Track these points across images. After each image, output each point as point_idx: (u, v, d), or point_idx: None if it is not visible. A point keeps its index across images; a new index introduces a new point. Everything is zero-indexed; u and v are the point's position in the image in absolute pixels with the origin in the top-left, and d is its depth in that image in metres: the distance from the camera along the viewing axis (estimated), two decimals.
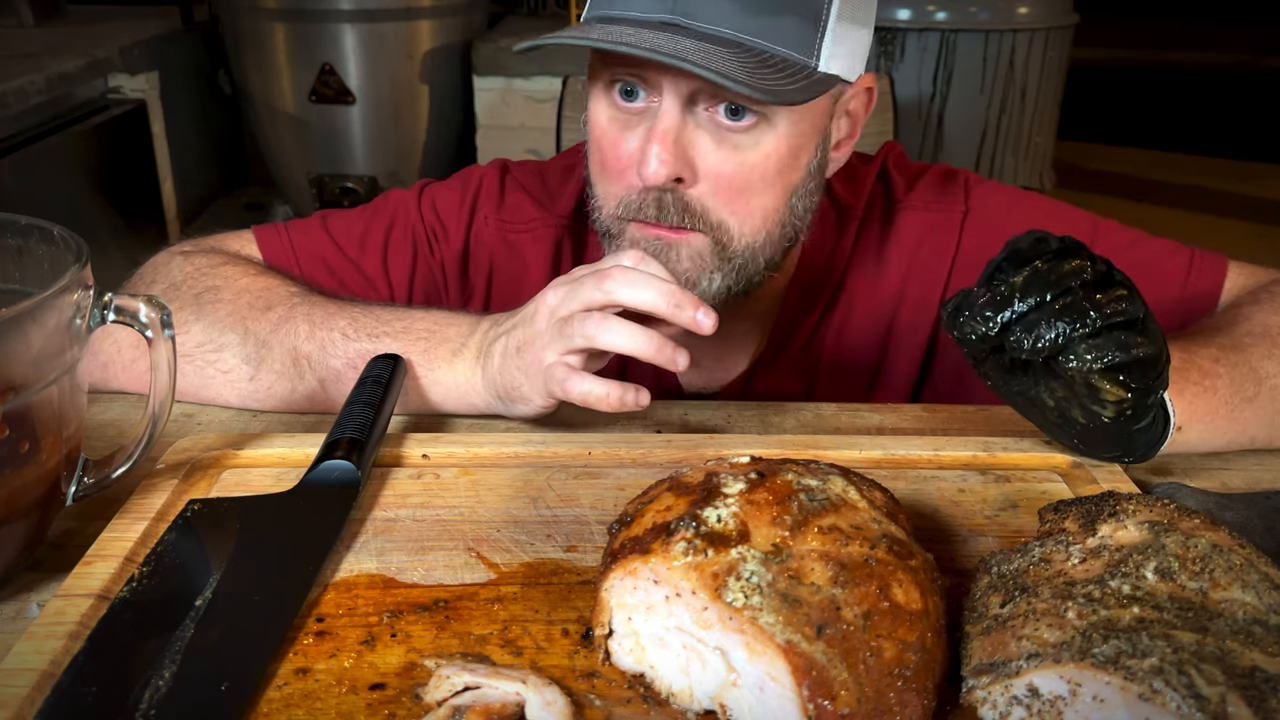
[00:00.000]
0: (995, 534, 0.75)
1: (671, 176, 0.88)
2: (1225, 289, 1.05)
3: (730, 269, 0.94)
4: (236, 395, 0.95)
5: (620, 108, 0.92)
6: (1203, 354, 0.86)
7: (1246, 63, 7.85)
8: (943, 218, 1.09)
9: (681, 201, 0.90)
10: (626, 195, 0.93)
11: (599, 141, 0.95)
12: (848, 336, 1.12)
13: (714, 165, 0.89)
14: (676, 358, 0.79)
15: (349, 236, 1.11)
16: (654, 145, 0.87)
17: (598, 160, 0.96)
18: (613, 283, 0.80)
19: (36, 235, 0.69)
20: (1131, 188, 5.14)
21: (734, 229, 0.92)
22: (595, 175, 0.97)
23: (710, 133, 0.89)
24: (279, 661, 0.59)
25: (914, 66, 3.76)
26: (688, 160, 0.89)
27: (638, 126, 0.91)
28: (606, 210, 0.96)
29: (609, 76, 0.92)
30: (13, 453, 0.62)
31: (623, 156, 0.92)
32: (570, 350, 0.82)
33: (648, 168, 0.87)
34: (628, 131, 0.92)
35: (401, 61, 3.49)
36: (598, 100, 0.94)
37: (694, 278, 0.94)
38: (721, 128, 0.89)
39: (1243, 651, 0.50)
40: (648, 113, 0.91)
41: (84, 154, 2.85)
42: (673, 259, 0.93)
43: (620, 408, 0.80)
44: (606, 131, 0.94)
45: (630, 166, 0.92)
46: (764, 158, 0.90)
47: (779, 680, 0.52)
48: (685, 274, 0.93)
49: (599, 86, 0.94)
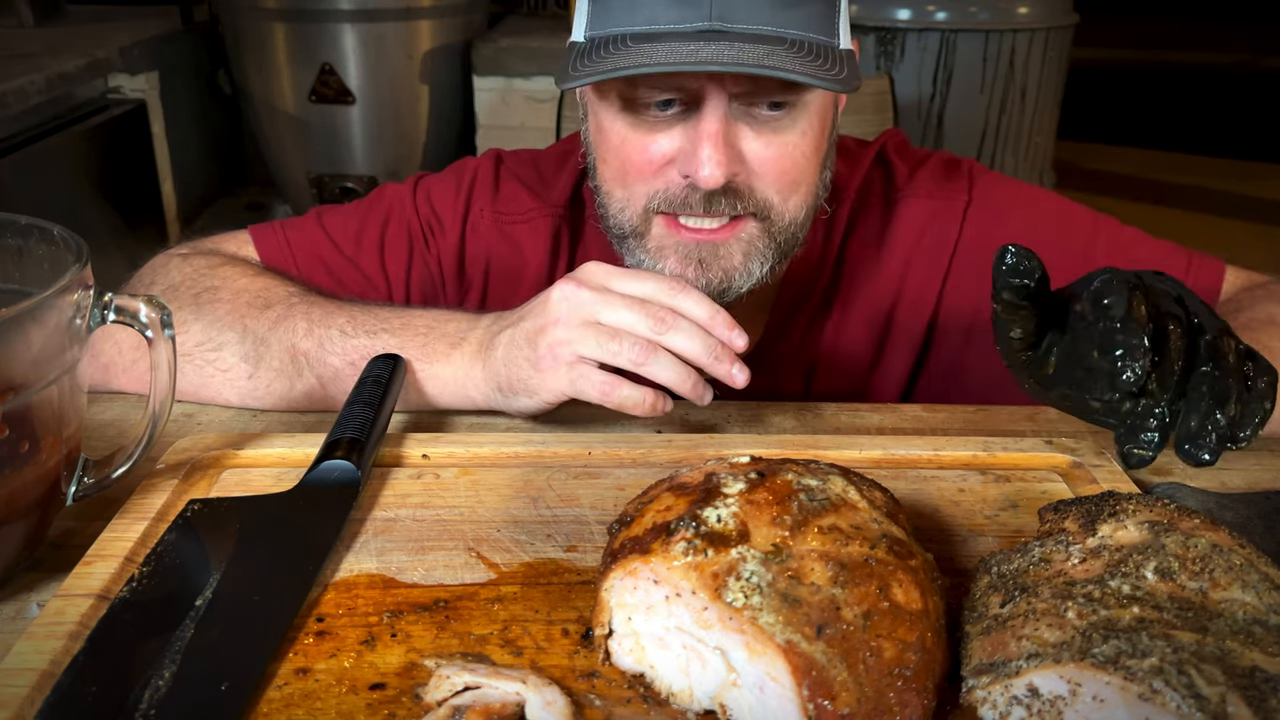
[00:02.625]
0: (995, 534, 0.75)
1: (728, 177, 0.88)
2: (1223, 290, 1.05)
3: (776, 250, 0.96)
4: (235, 394, 0.95)
5: (644, 115, 0.91)
6: None
7: (1246, 63, 7.85)
8: (945, 205, 1.09)
9: (731, 190, 0.91)
10: (664, 190, 0.92)
11: (618, 150, 0.93)
12: (846, 329, 1.11)
13: (759, 153, 0.91)
14: (705, 395, 0.83)
15: (345, 234, 1.11)
16: (706, 149, 0.87)
17: (616, 168, 0.95)
18: (667, 329, 0.81)
19: (36, 235, 0.69)
20: (1131, 188, 5.14)
21: (779, 208, 0.94)
22: (612, 182, 0.96)
23: (748, 124, 0.90)
24: (279, 661, 0.59)
25: (914, 66, 3.76)
26: (737, 156, 0.90)
27: (668, 129, 0.91)
28: (630, 212, 0.95)
29: (631, 91, 0.90)
30: (13, 453, 0.62)
31: (654, 159, 0.92)
32: (598, 360, 0.82)
33: (703, 171, 0.87)
34: (656, 134, 0.91)
35: (401, 61, 3.49)
36: (609, 112, 0.93)
37: (749, 268, 0.95)
38: (760, 117, 0.90)
39: (1243, 651, 0.50)
40: (677, 116, 0.90)
41: (84, 154, 2.85)
42: (724, 256, 0.93)
43: (651, 413, 0.83)
44: (628, 139, 0.92)
45: (663, 166, 0.91)
46: (801, 137, 0.92)
47: (779, 680, 0.52)
48: (737, 269, 0.94)
49: (611, 99, 0.92)
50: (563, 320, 0.83)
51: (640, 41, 0.85)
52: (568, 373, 0.83)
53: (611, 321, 0.82)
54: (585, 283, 0.83)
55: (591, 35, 0.89)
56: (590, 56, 0.87)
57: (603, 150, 0.96)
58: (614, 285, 0.83)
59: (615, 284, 0.83)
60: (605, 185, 0.97)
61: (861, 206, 1.11)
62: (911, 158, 1.13)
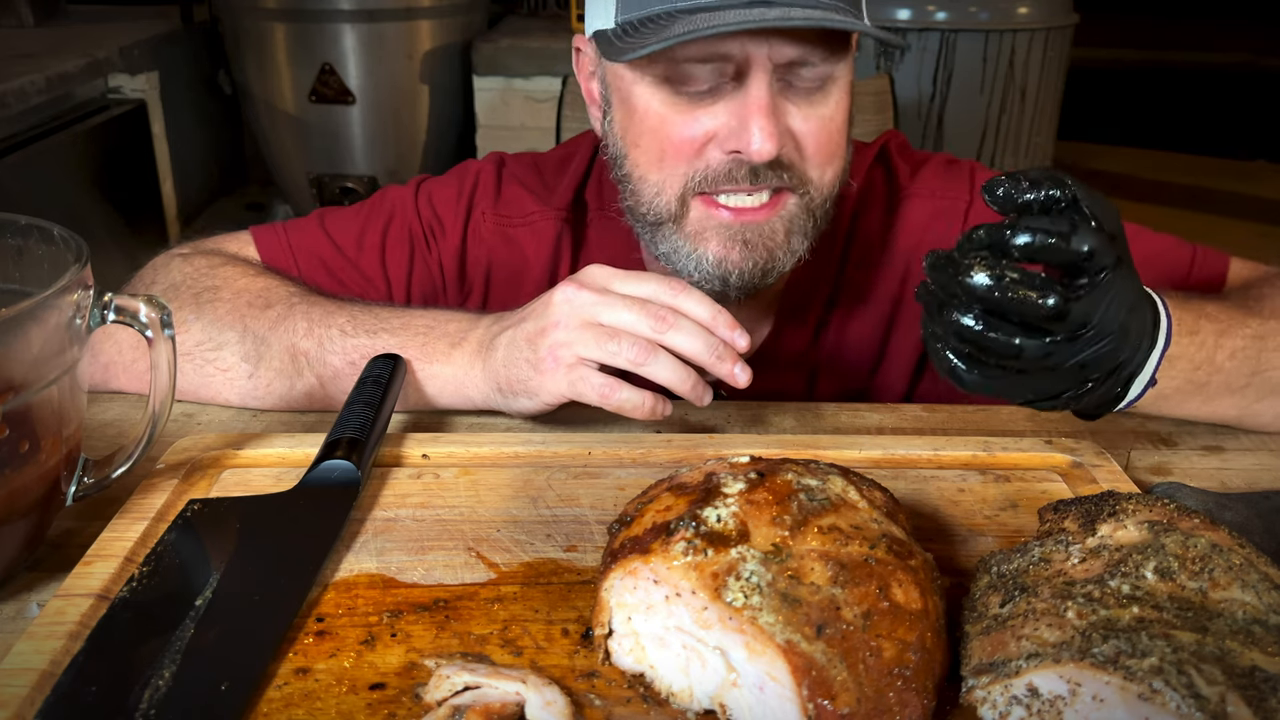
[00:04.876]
0: (995, 534, 0.75)
1: (779, 150, 0.88)
2: (1228, 281, 1.05)
3: (814, 225, 0.96)
4: (236, 393, 0.95)
5: (684, 91, 0.90)
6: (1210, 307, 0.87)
7: (1246, 63, 7.84)
8: (947, 205, 1.09)
9: (778, 163, 0.91)
10: (705, 169, 0.92)
11: (657, 131, 0.92)
12: (850, 328, 1.12)
13: (802, 125, 0.91)
14: (704, 396, 0.83)
15: (346, 235, 1.11)
16: (758, 119, 0.87)
17: (654, 151, 0.94)
18: (667, 328, 0.81)
19: (36, 235, 0.69)
20: (1131, 188, 5.14)
21: (818, 181, 0.94)
22: (646, 166, 0.95)
23: (790, 97, 0.90)
24: (279, 661, 0.59)
25: (914, 66, 3.76)
26: (785, 127, 0.90)
27: (711, 105, 0.90)
28: (667, 196, 0.94)
29: (670, 66, 0.89)
30: (13, 453, 0.62)
31: (697, 137, 0.91)
32: (598, 361, 0.82)
33: (754, 144, 0.87)
34: (697, 111, 0.91)
35: (401, 61, 3.49)
36: (647, 91, 0.92)
37: (791, 244, 0.95)
38: (799, 89, 0.90)
39: (1242, 651, 0.50)
40: (720, 91, 0.90)
41: (84, 154, 2.85)
42: (768, 234, 0.94)
43: (650, 416, 0.83)
44: (668, 118, 0.91)
45: (705, 144, 0.91)
46: (836, 107, 0.93)
47: (779, 680, 0.52)
48: (780, 246, 0.94)
49: (649, 78, 0.91)
50: (563, 322, 0.83)
51: (689, 13, 0.85)
52: (567, 374, 0.83)
53: (612, 322, 0.82)
54: (587, 284, 0.83)
55: (626, 18, 0.89)
56: (635, 34, 0.86)
57: (635, 135, 0.95)
58: (615, 286, 0.83)
59: (616, 285, 0.83)
60: (638, 171, 0.96)
61: (864, 207, 1.11)
62: (913, 158, 1.13)
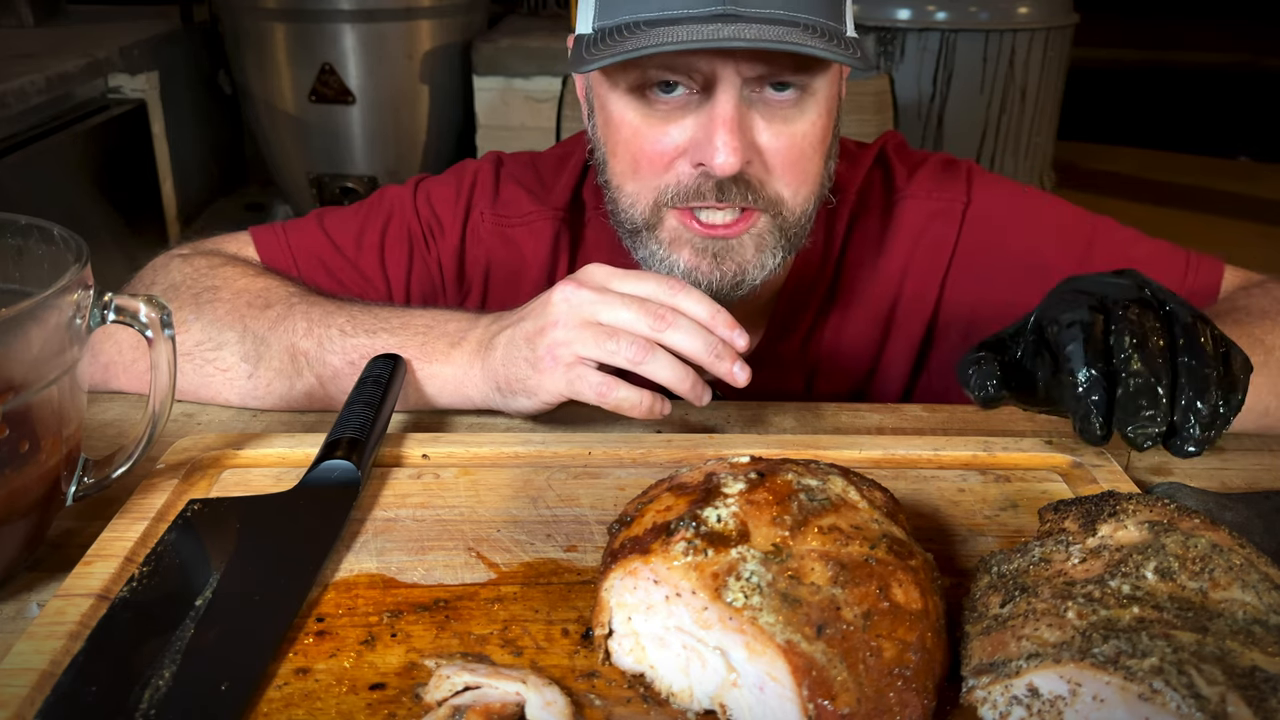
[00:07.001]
0: (995, 534, 0.75)
1: (742, 164, 0.88)
2: (1222, 289, 1.05)
3: (786, 243, 0.96)
4: (235, 393, 0.95)
5: (655, 103, 0.91)
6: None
7: (1246, 63, 7.85)
8: (944, 206, 1.10)
9: (743, 180, 0.91)
10: (675, 184, 0.92)
11: (629, 142, 0.93)
12: (847, 330, 1.12)
13: (771, 142, 0.91)
14: (703, 395, 0.83)
15: (345, 235, 1.11)
16: (721, 135, 0.87)
17: (627, 160, 0.94)
18: (666, 326, 0.81)
19: (36, 235, 0.69)
20: (1131, 188, 5.14)
21: (789, 201, 0.94)
22: (623, 176, 0.96)
23: (761, 112, 0.90)
24: (279, 661, 0.59)
25: (914, 66, 3.76)
26: (751, 143, 0.90)
27: (680, 119, 0.91)
28: (641, 206, 0.95)
29: (641, 77, 0.90)
30: (13, 453, 0.62)
31: (667, 150, 0.92)
32: (597, 360, 0.82)
33: (718, 158, 0.87)
34: (668, 125, 0.91)
35: (401, 61, 3.49)
36: (620, 101, 0.92)
37: (761, 260, 0.95)
38: (771, 104, 0.90)
39: (1243, 651, 0.50)
40: (688, 104, 0.90)
41: (84, 154, 2.85)
42: (736, 250, 0.93)
43: (648, 415, 0.83)
44: (640, 130, 0.92)
45: (675, 158, 0.91)
46: (810, 126, 0.92)
47: (779, 680, 0.52)
48: (750, 262, 0.94)
49: (622, 89, 0.92)
50: (562, 321, 0.83)
51: (655, 26, 0.85)
52: (566, 374, 0.83)
53: (610, 321, 0.82)
54: (585, 284, 0.83)
55: (601, 25, 0.89)
56: (604, 43, 0.87)
57: (613, 144, 0.96)
58: (614, 285, 0.83)
59: (615, 284, 0.83)
60: (615, 180, 0.97)
61: (861, 208, 1.11)
62: (910, 159, 1.13)
